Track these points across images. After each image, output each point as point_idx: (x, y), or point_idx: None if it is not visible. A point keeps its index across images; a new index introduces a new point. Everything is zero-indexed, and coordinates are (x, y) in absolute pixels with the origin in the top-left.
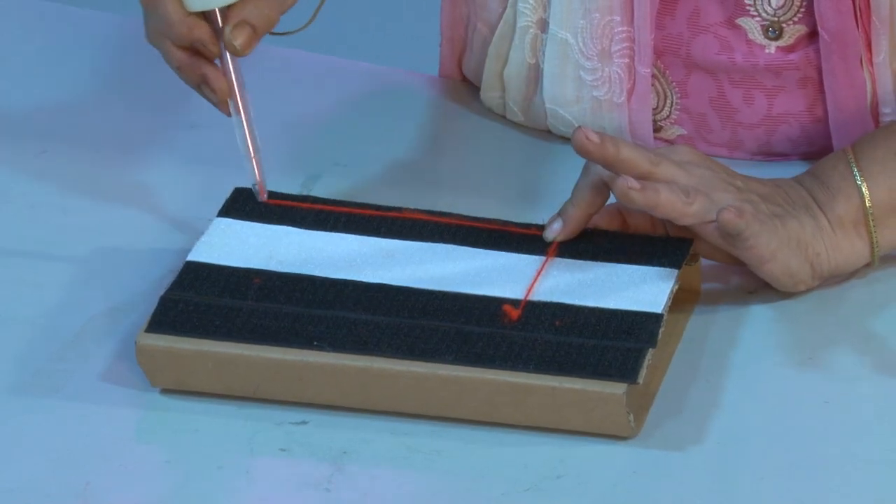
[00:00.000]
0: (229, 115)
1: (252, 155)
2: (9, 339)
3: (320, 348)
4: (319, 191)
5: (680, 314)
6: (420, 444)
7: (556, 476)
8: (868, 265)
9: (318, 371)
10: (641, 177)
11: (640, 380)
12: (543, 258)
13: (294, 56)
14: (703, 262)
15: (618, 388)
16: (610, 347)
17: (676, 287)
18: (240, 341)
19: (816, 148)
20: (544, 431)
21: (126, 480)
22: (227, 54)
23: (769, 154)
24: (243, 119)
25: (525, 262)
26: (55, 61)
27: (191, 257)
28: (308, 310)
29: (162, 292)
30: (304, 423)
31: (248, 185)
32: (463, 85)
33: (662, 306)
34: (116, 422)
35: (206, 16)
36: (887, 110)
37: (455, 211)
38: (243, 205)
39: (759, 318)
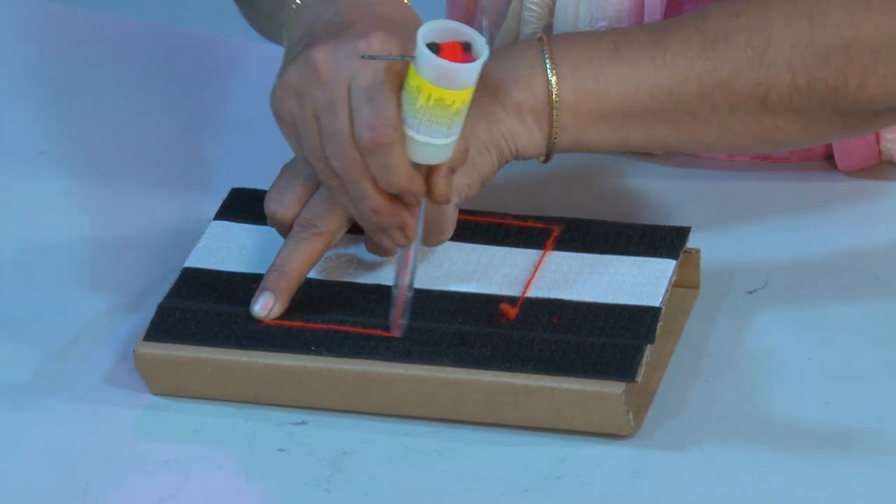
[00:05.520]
0: (392, 254)
1: (404, 295)
2: (9, 339)
3: (318, 353)
4: None
5: (679, 311)
6: (420, 445)
7: (556, 476)
8: (543, 159)
9: (317, 376)
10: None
11: (639, 378)
12: (540, 252)
13: None
14: (703, 261)
15: (616, 388)
16: (608, 345)
17: (674, 278)
18: (238, 348)
19: (816, 154)
20: (544, 431)
21: (126, 481)
22: (425, 202)
23: (768, 159)
24: (411, 262)
25: (522, 257)
26: (55, 61)
27: (188, 263)
28: (305, 315)
29: (161, 294)
30: (303, 423)
31: (252, 184)
32: None
33: (660, 299)
34: (116, 422)
35: (417, 165)
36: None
37: None
38: (240, 206)
39: (759, 317)
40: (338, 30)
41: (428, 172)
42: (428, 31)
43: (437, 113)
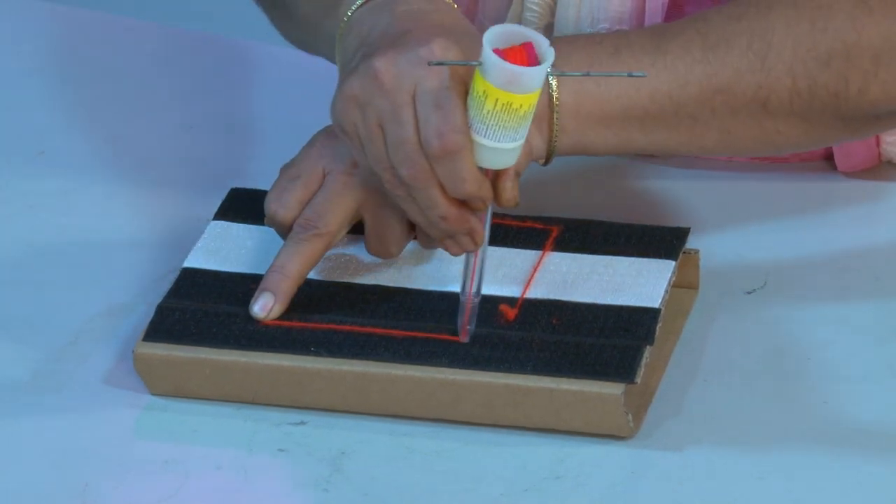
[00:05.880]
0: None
1: (471, 300)
2: (9, 339)
3: (317, 353)
4: None
5: (678, 312)
6: (419, 445)
7: (556, 476)
8: (543, 161)
9: (316, 376)
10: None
11: (638, 379)
12: (540, 252)
13: (296, 56)
14: (702, 261)
15: (616, 389)
16: (607, 346)
17: (674, 279)
18: (237, 348)
19: (815, 155)
20: (543, 432)
21: (125, 481)
22: (491, 207)
23: (768, 159)
24: (478, 266)
25: (522, 258)
26: (55, 61)
27: (187, 263)
28: (304, 315)
29: (160, 294)
30: (302, 423)
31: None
32: None
33: (659, 301)
34: (115, 422)
35: (483, 169)
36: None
37: None
38: (239, 206)
39: (759, 317)
40: (395, 38)
41: (494, 177)
42: (493, 35)
43: (505, 117)
